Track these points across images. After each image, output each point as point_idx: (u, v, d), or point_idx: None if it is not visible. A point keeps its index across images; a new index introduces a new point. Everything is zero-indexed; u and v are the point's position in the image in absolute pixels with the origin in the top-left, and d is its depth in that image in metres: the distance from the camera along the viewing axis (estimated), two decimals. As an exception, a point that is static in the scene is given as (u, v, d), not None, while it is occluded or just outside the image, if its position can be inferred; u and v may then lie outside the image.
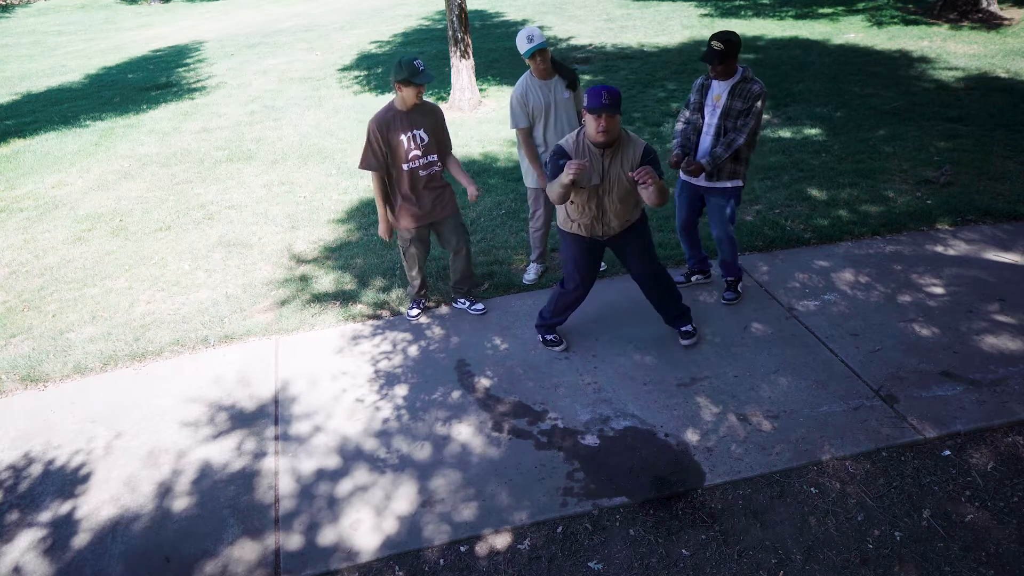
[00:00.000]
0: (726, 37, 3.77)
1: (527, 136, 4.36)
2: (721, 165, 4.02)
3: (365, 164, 4.04)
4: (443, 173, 4.24)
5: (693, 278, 4.67)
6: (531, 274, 4.91)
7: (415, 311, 4.62)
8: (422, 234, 4.30)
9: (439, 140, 4.15)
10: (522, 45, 4.17)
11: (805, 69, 9.37)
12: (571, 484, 3.25)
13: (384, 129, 3.96)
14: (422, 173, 4.10)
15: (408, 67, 3.83)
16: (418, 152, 4.04)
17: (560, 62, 4.38)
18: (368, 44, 13.79)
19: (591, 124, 3.39)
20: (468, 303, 4.64)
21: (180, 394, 4.08)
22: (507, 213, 5.98)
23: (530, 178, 4.54)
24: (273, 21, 18.16)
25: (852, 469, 3.22)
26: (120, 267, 5.62)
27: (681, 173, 4.23)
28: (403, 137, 3.98)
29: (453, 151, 4.29)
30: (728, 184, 4.10)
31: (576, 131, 3.58)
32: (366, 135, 3.99)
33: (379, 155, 4.00)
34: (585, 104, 3.34)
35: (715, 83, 3.96)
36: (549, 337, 4.21)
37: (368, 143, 3.98)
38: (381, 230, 4.23)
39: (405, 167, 4.05)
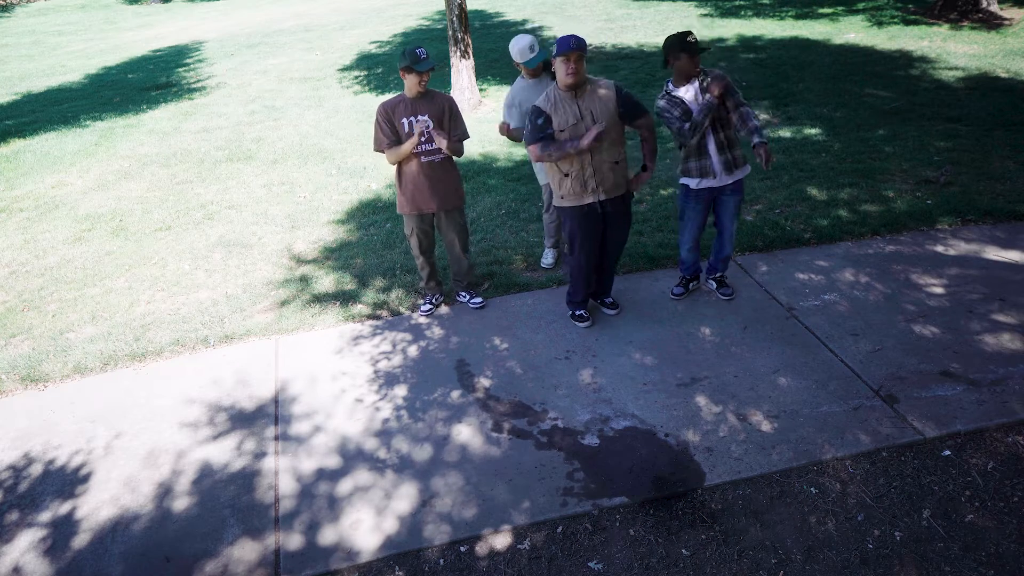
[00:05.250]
0: (690, 32, 3.83)
1: (512, 130, 4.56)
2: (739, 154, 4.03)
3: (376, 146, 4.21)
4: (452, 165, 4.30)
5: (691, 285, 4.64)
6: (548, 258, 5.10)
7: (427, 307, 4.64)
8: (422, 221, 4.36)
9: (445, 129, 4.19)
10: (523, 55, 4.39)
11: (805, 69, 9.37)
12: (571, 484, 3.25)
13: (389, 111, 4.12)
14: (424, 159, 4.16)
15: (410, 55, 3.98)
16: (420, 138, 4.12)
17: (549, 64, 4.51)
18: (368, 44, 13.79)
19: (561, 68, 3.70)
20: (467, 296, 4.69)
21: (180, 394, 4.08)
22: (507, 213, 5.98)
23: (543, 175, 4.68)
24: (273, 21, 18.15)
25: (852, 469, 3.22)
26: (120, 267, 5.62)
27: (696, 182, 4.09)
28: (405, 121, 4.11)
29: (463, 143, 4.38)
30: (743, 174, 4.10)
31: (546, 90, 3.90)
32: (375, 116, 4.16)
33: (387, 133, 4.12)
34: (554, 52, 3.69)
35: (681, 91, 3.91)
36: (579, 313, 4.39)
37: (376, 124, 4.14)
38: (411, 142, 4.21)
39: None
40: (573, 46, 3.64)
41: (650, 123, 3.94)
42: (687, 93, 3.91)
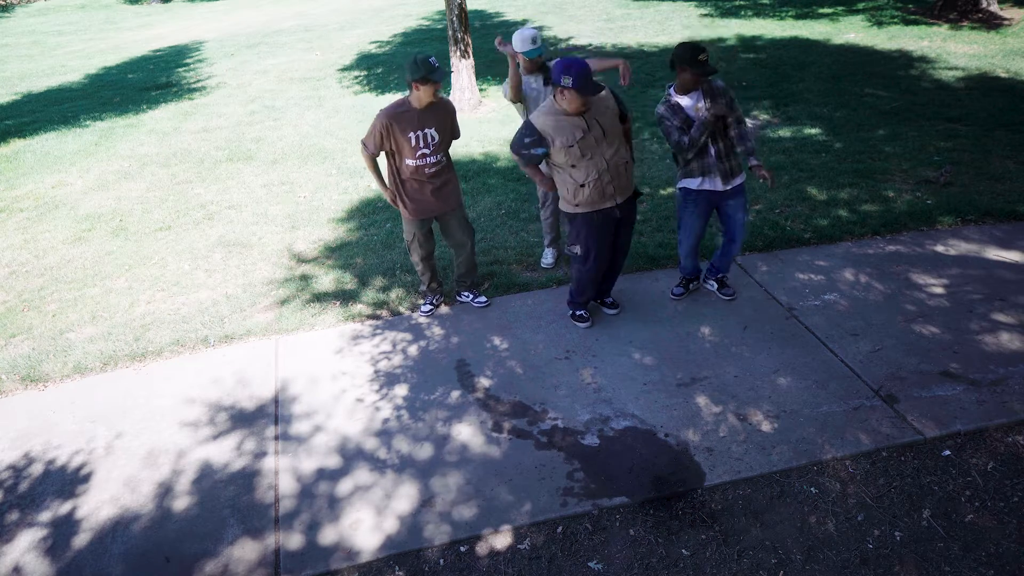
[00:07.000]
0: (701, 46, 3.76)
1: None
2: (736, 163, 4.01)
3: (365, 143, 4.11)
4: (451, 166, 4.28)
5: (691, 285, 4.64)
6: (548, 258, 5.10)
7: (427, 307, 4.64)
8: (423, 226, 4.35)
9: (448, 137, 4.19)
10: (524, 45, 4.29)
11: (805, 69, 9.37)
12: (571, 484, 3.25)
13: (393, 123, 3.98)
14: (428, 170, 4.13)
15: (424, 65, 3.82)
16: (427, 151, 4.07)
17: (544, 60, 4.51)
18: (368, 44, 13.79)
19: (562, 98, 3.61)
20: (471, 296, 4.69)
21: (180, 394, 4.08)
22: (507, 213, 5.98)
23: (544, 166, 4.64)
24: (273, 21, 18.15)
25: (852, 469, 3.22)
26: (120, 267, 5.62)
27: (699, 181, 4.05)
28: (412, 135, 4.00)
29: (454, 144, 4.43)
30: (742, 180, 4.09)
31: (546, 101, 3.81)
32: (375, 119, 4.01)
33: (378, 142, 4.04)
34: (554, 76, 3.57)
35: (682, 99, 3.88)
36: (579, 313, 4.39)
37: (373, 128, 4.01)
38: (388, 199, 4.33)
39: (411, 162, 4.08)
40: (576, 85, 3.48)
41: (629, 129, 3.99)
42: (687, 101, 3.89)
